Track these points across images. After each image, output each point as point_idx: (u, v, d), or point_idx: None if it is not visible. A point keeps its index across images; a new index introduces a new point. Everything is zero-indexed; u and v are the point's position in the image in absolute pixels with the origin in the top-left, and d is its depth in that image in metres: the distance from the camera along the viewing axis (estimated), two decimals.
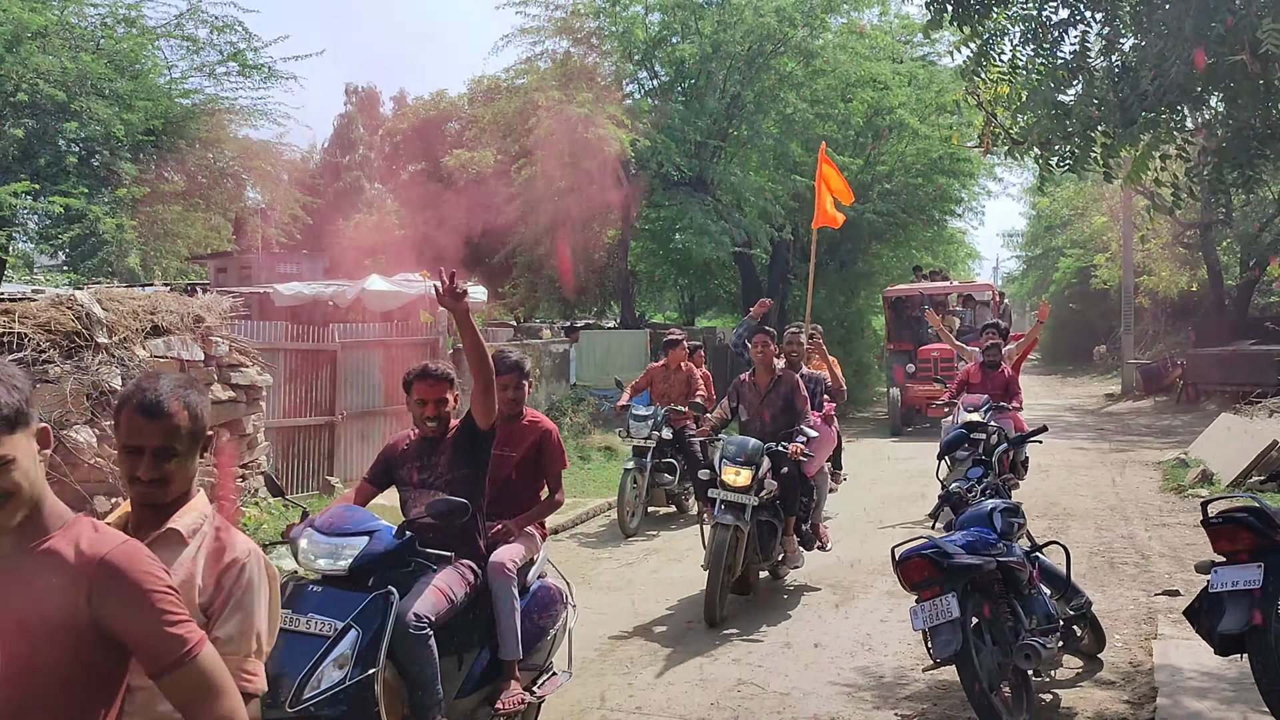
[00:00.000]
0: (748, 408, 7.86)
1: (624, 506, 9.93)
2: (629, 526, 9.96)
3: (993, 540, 5.19)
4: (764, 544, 7.36)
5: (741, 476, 7.01)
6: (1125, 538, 9.21)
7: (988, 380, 10.32)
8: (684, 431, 10.45)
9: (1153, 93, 5.17)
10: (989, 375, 10.37)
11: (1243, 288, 27.61)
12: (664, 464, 10.50)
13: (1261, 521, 4.58)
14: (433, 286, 4.27)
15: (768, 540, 7.40)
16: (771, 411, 7.68)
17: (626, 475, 10.07)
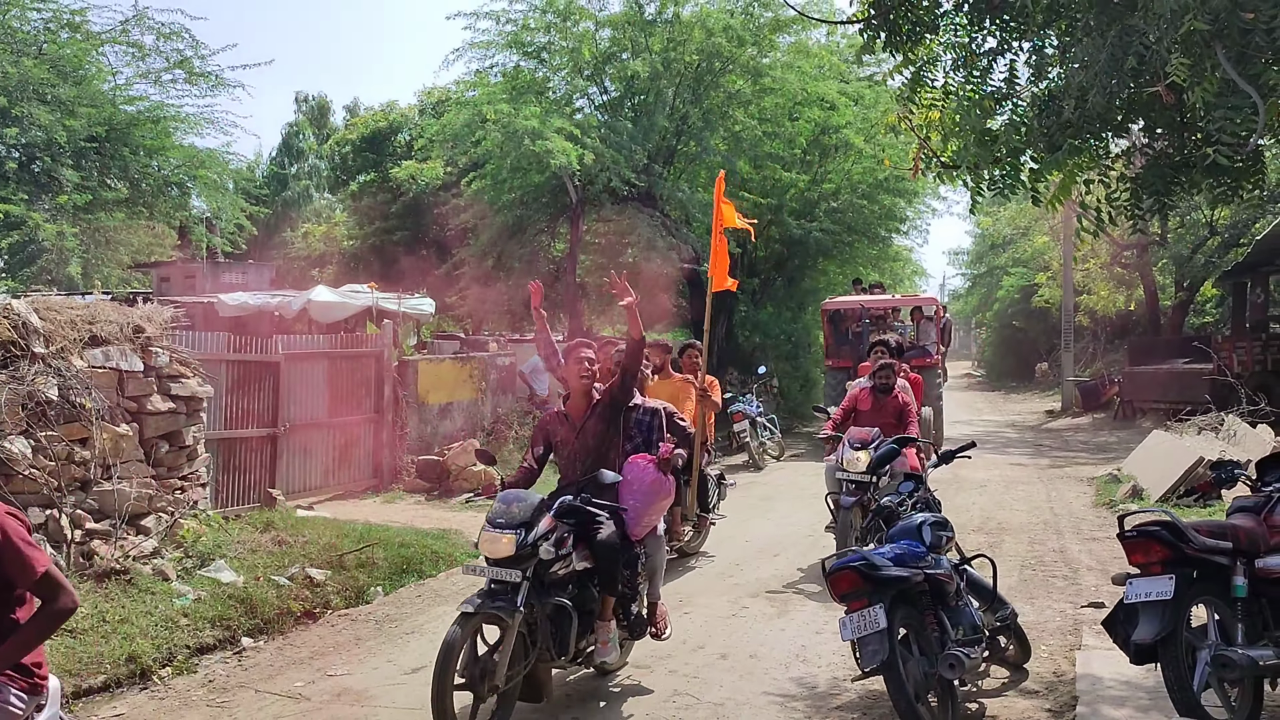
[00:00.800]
0: (561, 448, 6.02)
1: None
2: None
3: (921, 553, 5.33)
4: (559, 635, 5.34)
5: (503, 544, 5.16)
6: (1057, 551, 9.44)
7: (879, 407, 8.98)
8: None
9: (1075, 121, 5.36)
10: (880, 402, 8.99)
11: (1177, 308, 28.35)
12: None
13: (1173, 535, 4.77)
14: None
15: (565, 630, 5.35)
16: (584, 450, 5.87)
17: None
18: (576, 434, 5.90)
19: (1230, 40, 4.35)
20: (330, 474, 12.37)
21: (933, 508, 5.98)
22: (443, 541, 9.87)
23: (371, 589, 8.48)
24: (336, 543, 9.06)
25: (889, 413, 8.89)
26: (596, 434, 5.87)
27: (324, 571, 8.42)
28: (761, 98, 20.74)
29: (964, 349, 68.94)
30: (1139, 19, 4.63)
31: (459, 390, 14.34)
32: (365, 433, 12.85)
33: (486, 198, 20.78)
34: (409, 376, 13.46)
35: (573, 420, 5.93)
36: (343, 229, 35.32)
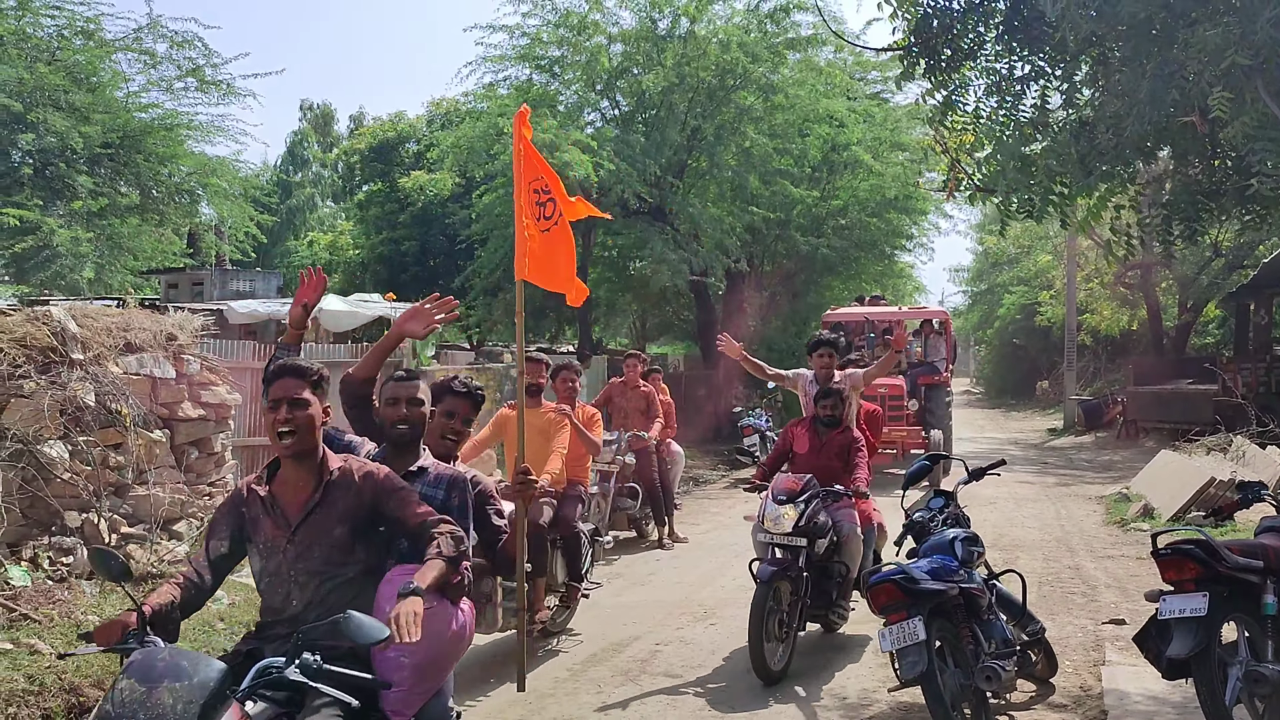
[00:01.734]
0: (266, 552, 3.55)
1: None
2: None
3: (955, 567, 5.46)
4: None
5: None
6: (1072, 568, 9.56)
7: (819, 446, 7.04)
8: (645, 455, 10.66)
9: (1110, 149, 5.50)
10: (822, 439, 7.05)
11: (1181, 328, 28.53)
12: (626, 488, 10.60)
13: (1206, 553, 4.88)
14: None
15: None
16: (307, 560, 3.46)
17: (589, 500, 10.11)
18: (293, 532, 3.39)
19: (1270, 75, 4.49)
20: None
21: (962, 523, 6.09)
22: None
23: None
24: None
25: (831, 452, 7.02)
26: (330, 534, 3.39)
27: None
28: (773, 114, 20.93)
29: (962, 366, 69.12)
30: (1179, 52, 4.77)
31: None
32: None
33: (497, 211, 20.93)
34: None
35: (284, 511, 3.42)
36: (348, 238, 35.47)
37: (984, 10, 5.73)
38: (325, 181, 52.64)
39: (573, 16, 19.98)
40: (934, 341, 17.58)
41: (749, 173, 20.91)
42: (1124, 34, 5.05)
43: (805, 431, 7.17)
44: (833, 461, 6.99)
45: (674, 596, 8.71)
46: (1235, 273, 24.14)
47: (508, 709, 5.87)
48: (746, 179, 20.72)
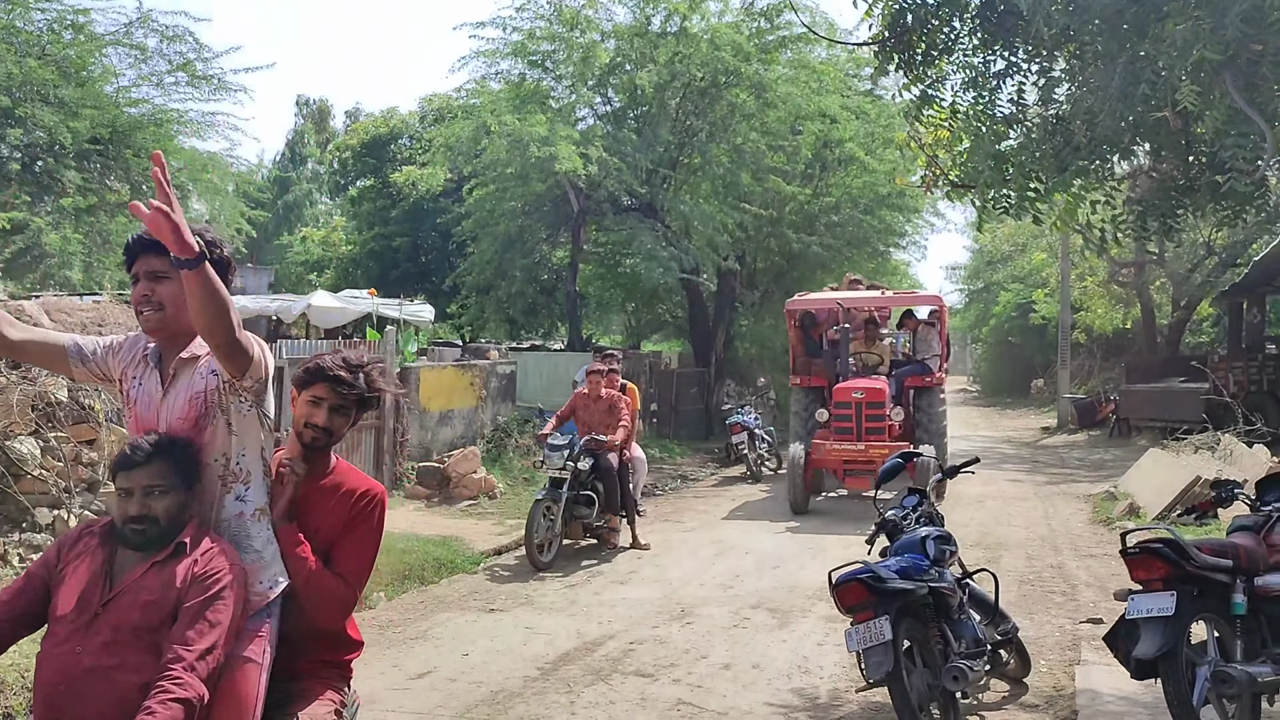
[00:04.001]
0: None
1: (533, 539, 9.45)
2: (541, 560, 9.50)
3: (925, 566, 5.40)
4: None
5: None
6: (1054, 567, 9.52)
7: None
8: (603, 460, 10.16)
9: (1084, 144, 5.45)
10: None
11: (1174, 326, 28.49)
12: (582, 496, 10.09)
13: (1175, 552, 4.84)
14: None
15: None
16: None
17: (537, 506, 9.63)
18: None
19: (1239, 69, 4.45)
20: None
21: (936, 522, 6.03)
22: (444, 548, 9.92)
23: (374, 594, 8.51)
24: None
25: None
26: None
27: None
28: (765, 111, 20.86)
29: (959, 363, 69.14)
30: (1150, 47, 4.73)
31: (460, 398, 14.39)
32: (366, 439, 12.88)
33: (489, 207, 20.88)
34: (410, 383, 13.51)
35: None
36: (341, 234, 35.41)
37: (958, 4, 5.67)
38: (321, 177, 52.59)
39: (566, 12, 19.91)
40: (924, 335, 14.78)
41: (741, 170, 20.86)
42: (1097, 28, 5.00)
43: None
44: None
45: (653, 594, 8.67)
46: (1229, 271, 24.09)
47: (474, 709, 5.82)
48: (738, 176, 20.68)
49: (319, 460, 3.29)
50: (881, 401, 12.98)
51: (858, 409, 12.94)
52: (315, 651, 3.20)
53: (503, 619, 7.88)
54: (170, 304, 2.97)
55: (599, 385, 10.51)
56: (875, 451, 12.55)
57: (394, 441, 13.14)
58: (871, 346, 14.32)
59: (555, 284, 23.56)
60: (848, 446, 12.86)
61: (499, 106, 19.22)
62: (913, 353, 14.80)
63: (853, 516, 12.51)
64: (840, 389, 13.24)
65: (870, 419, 12.91)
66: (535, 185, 19.55)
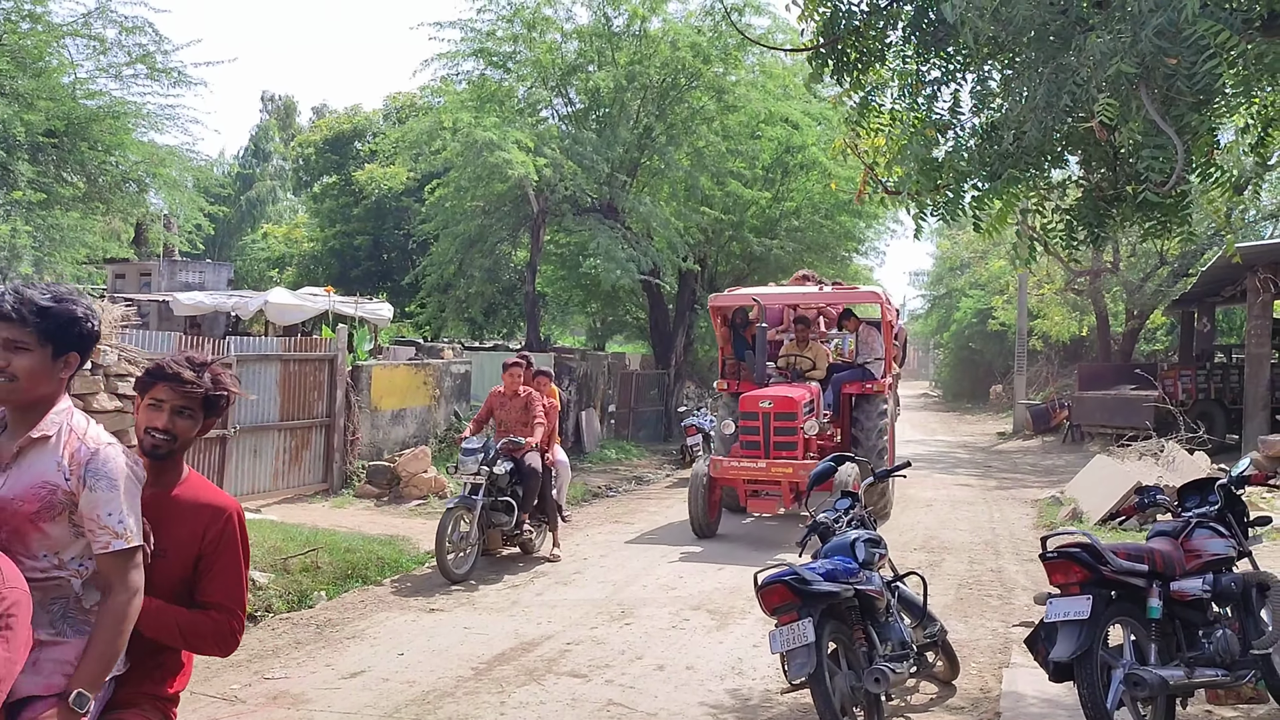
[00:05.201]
0: None
1: (444, 550, 8.87)
2: (455, 572, 8.94)
3: (853, 569, 5.45)
4: None
5: None
6: (994, 571, 9.63)
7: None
8: (523, 462, 9.62)
9: (1014, 152, 5.53)
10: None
11: (1128, 335, 28.92)
12: (500, 503, 9.50)
13: (1092, 556, 4.92)
14: None
15: None
16: None
17: (448, 515, 9.02)
18: None
19: (1155, 83, 4.53)
20: (280, 477, 12.32)
21: (867, 525, 6.10)
22: (390, 548, 9.88)
23: (315, 593, 8.46)
24: (281, 545, 9.02)
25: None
26: None
27: (267, 574, 8.40)
28: (725, 115, 20.96)
29: (922, 369, 69.74)
30: (1072, 59, 4.80)
31: (412, 397, 14.34)
32: (317, 437, 12.82)
33: (449, 205, 20.84)
34: (362, 382, 13.45)
35: None
36: (304, 230, 35.19)
37: (890, 12, 5.73)
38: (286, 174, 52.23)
39: (525, 11, 19.90)
40: (866, 337, 13.15)
41: (701, 173, 20.94)
42: (1022, 38, 5.07)
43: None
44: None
45: (596, 595, 8.68)
46: (1180, 280, 24.48)
47: (404, 708, 5.81)
48: (698, 179, 20.76)
49: (168, 469, 2.96)
50: (793, 413, 11.22)
51: (765, 421, 11.28)
52: (135, 681, 2.84)
53: (442, 619, 7.86)
54: (25, 377, 2.68)
55: (516, 381, 9.94)
56: (779, 470, 11.06)
57: (344, 440, 13.08)
58: (804, 349, 12.74)
59: (516, 284, 23.54)
60: (748, 464, 11.21)
61: (460, 106, 19.18)
62: (855, 354, 13.25)
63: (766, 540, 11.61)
64: (747, 398, 11.66)
65: (779, 432, 11.25)
66: (495, 186, 19.53)
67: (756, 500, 11.49)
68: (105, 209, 22.04)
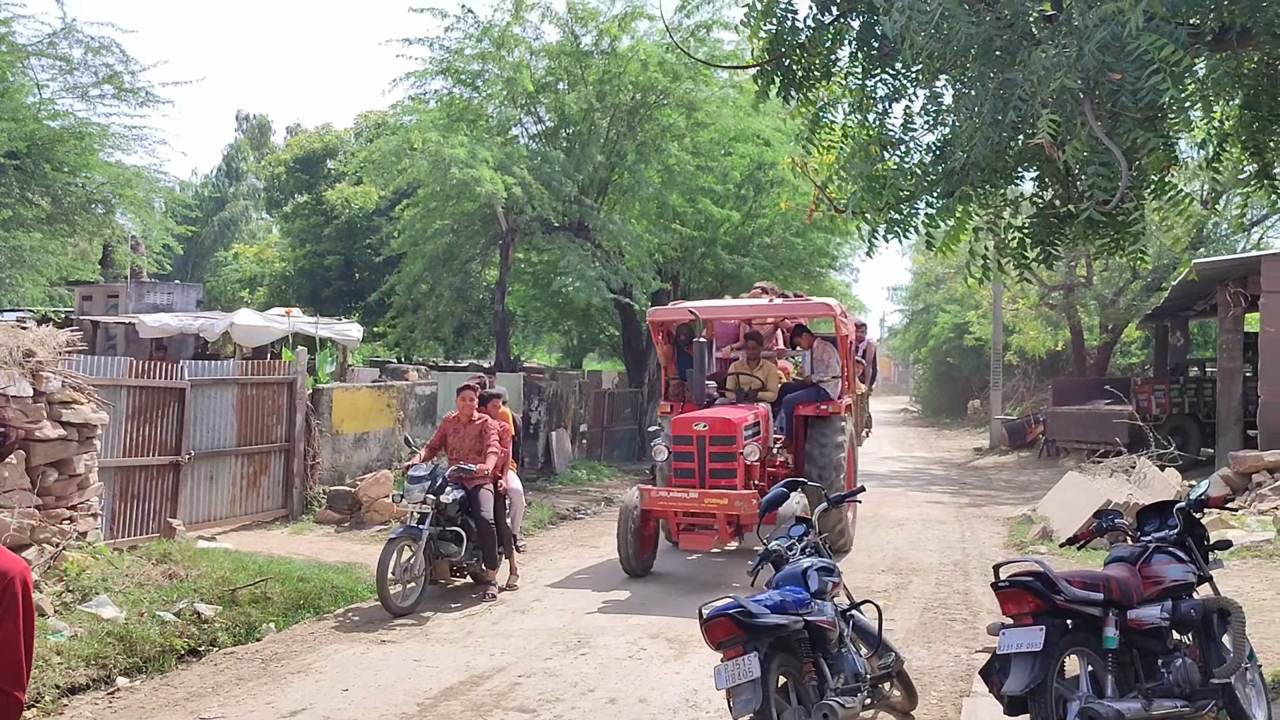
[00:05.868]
0: None
1: (386, 582, 8.48)
2: (397, 605, 8.57)
3: (805, 599, 5.28)
4: None
5: None
6: (961, 594, 9.47)
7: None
8: (476, 493, 9.28)
9: (964, 169, 5.40)
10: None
11: (1102, 349, 28.97)
12: (449, 532, 9.08)
13: (1045, 585, 4.77)
14: None
15: None
16: None
17: (391, 546, 8.67)
18: None
19: (1100, 99, 4.41)
20: (237, 504, 12.07)
21: (822, 552, 5.93)
22: (346, 576, 9.65)
23: (263, 625, 8.24)
24: (231, 576, 8.79)
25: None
26: None
27: (214, 607, 8.17)
28: (696, 132, 20.88)
29: (902, 384, 69.85)
30: (1018, 73, 4.68)
31: (375, 420, 14.11)
32: (276, 462, 12.57)
33: (418, 224, 20.64)
34: (323, 405, 13.21)
35: None
36: (275, 250, 34.89)
37: (836, 28, 5.60)
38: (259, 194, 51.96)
39: (493, 29, 19.78)
40: (821, 354, 12.01)
41: (671, 190, 20.83)
42: (966, 54, 4.95)
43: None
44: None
45: (553, 624, 8.47)
46: (1153, 295, 24.52)
47: None
48: (669, 196, 20.65)
49: None
50: (731, 437, 9.99)
51: (700, 446, 10.06)
52: None
53: (392, 651, 7.64)
54: None
55: (471, 406, 9.60)
56: (714, 501, 9.83)
57: (304, 465, 12.84)
58: (755, 368, 11.61)
59: (487, 303, 23.35)
60: (679, 495, 10.00)
61: (430, 125, 19.02)
62: (809, 372, 12.11)
63: None
64: (680, 420, 10.43)
65: (716, 459, 10.02)
66: (465, 204, 19.35)
67: (690, 535, 10.17)
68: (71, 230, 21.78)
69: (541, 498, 15.25)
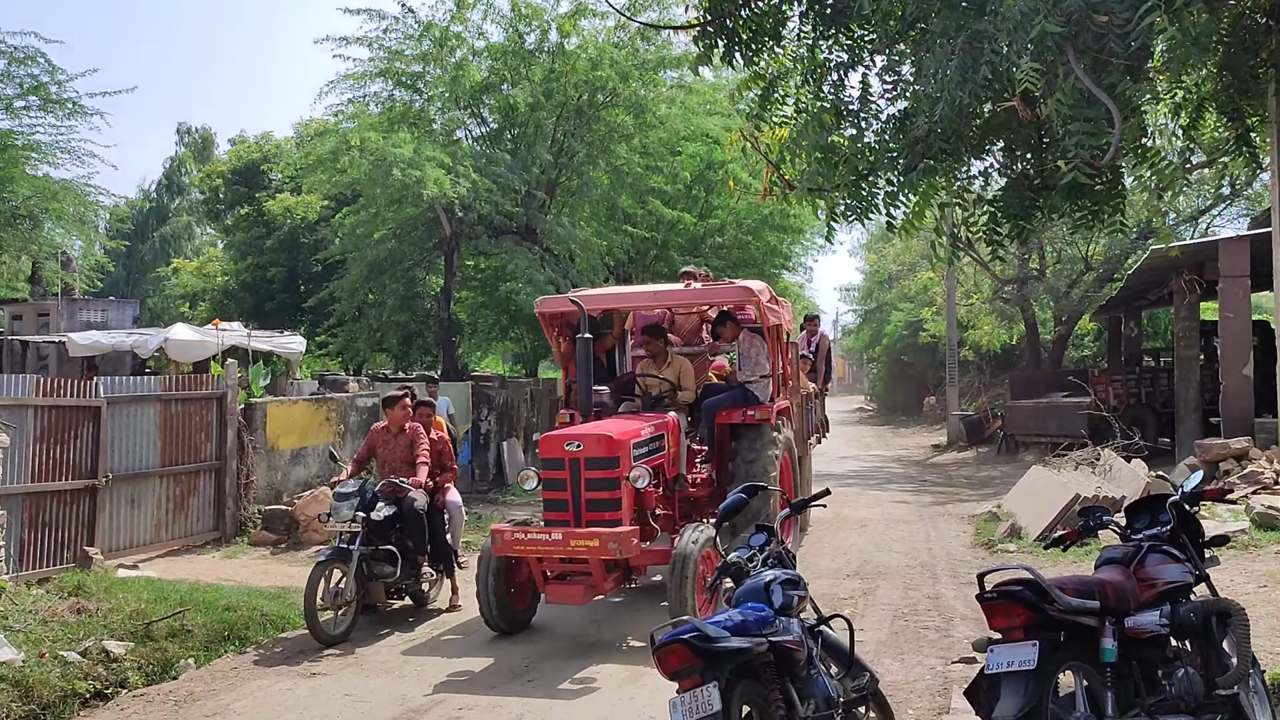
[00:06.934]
0: None
1: (314, 609, 7.86)
2: (327, 633, 7.95)
3: (768, 618, 4.74)
4: None
5: None
6: (931, 598, 8.99)
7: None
8: (410, 506, 8.61)
9: (927, 138, 4.91)
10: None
11: (1057, 342, 28.85)
12: (382, 551, 8.34)
13: (1036, 595, 4.27)
14: None
15: None
16: None
17: (318, 570, 8.01)
18: None
19: (1084, 45, 3.92)
20: (164, 528, 11.33)
21: (786, 563, 5.39)
22: (277, 602, 8.99)
23: (181, 662, 7.56)
24: (148, 608, 8.10)
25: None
26: None
27: (125, 644, 7.48)
28: (644, 132, 20.38)
29: (857, 383, 69.89)
30: (989, 23, 4.19)
31: (314, 434, 13.40)
32: (205, 482, 11.84)
33: (359, 230, 19.95)
34: (256, 420, 12.50)
35: None
36: (217, 265, 33.89)
37: None
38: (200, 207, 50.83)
39: (434, 29, 19.15)
40: (748, 348, 9.90)
41: (620, 191, 20.32)
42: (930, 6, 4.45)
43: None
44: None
45: (498, 649, 7.86)
46: (1106, 286, 24.39)
47: None
48: (617, 198, 20.13)
49: None
50: (612, 458, 7.80)
51: (573, 471, 7.82)
52: None
53: (322, 685, 7.01)
54: None
55: (403, 418, 8.99)
56: (581, 544, 7.54)
57: (237, 484, 12.11)
58: (662, 367, 9.58)
59: (434, 311, 22.65)
60: (538, 537, 7.72)
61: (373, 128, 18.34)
62: (738, 369, 10.02)
63: None
64: (549, 439, 8.16)
65: (593, 486, 7.79)
66: (407, 209, 18.68)
67: (558, 586, 7.96)
68: None
69: (493, 510, 14.62)
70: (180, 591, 8.86)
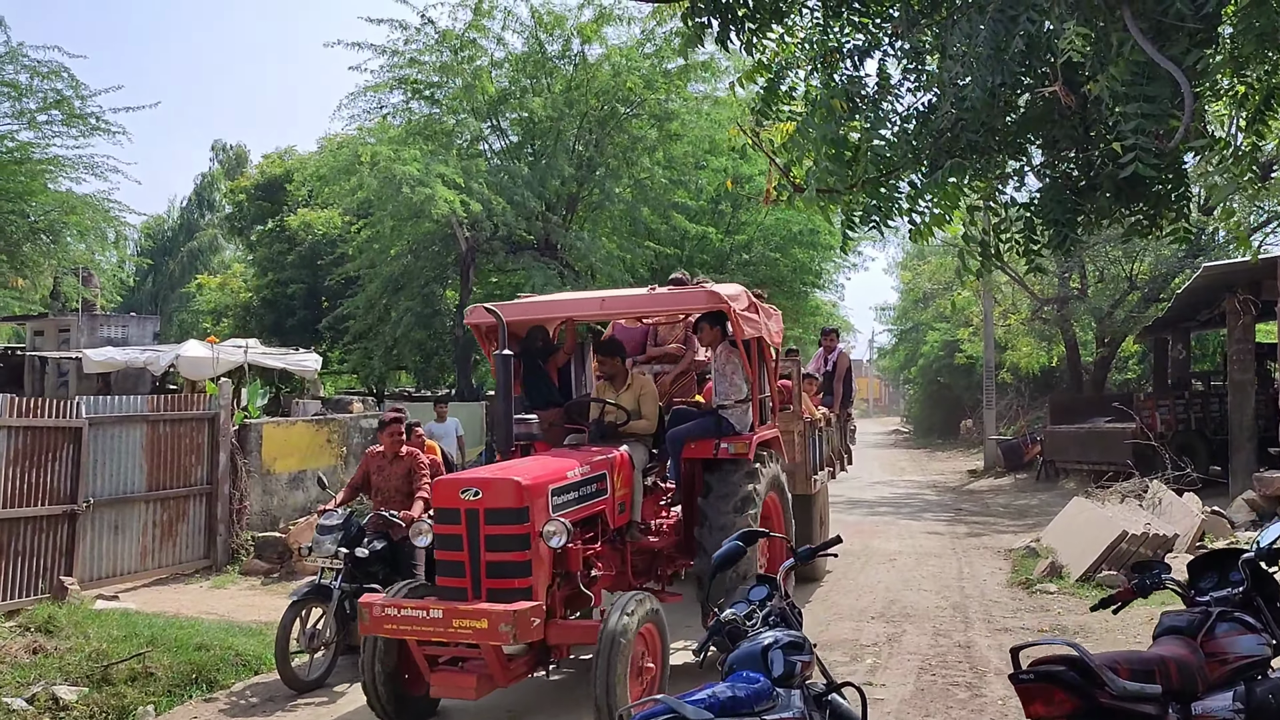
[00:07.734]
0: None
1: (287, 653, 7.25)
2: (301, 680, 7.33)
3: (765, 689, 4.02)
4: None
5: None
6: (962, 647, 8.18)
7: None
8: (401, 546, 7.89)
9: (953, 128, 4.20)
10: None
11: (1099, 364, 27.78)
12: (368, 590, 7.25)
13: (1082, 675, 3.53)
14: None
15: None
16: None
17: (292, 611, 7.41)
18: None
19: (1144, 8, 3.21)
20: (150, 555, 10.79)
21: (790, 622, 4.66)
22: (256, 640, 8.38)
23: (139, 709, 6.94)
24: (109, 648, 7.50)
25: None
26: None
27: (78, 689, 6.88)
28: (668, 144, 19.78)
29: (893, 405, 68.73)
30: None
31: (314, 457, 12.82)
32: (195, 507, 11.29)
33: (375, 246, 19.49)
34: (251, 442, 11.95)
35: None
36: (240, 280, 33.66)
37: None
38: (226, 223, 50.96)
39: (451, 37, 18.69)
40: (724, 364, 8.15)
41: (643, 205, 19.71)
42: None
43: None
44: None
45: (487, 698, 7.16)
46: (1151, 306, 23.38)
47: None
48: (639, 211, 19.52)
49: None
50: (521, 509, 6.17)
51: (471, 526, 6.18)
52: None
53: None
54: None
55: (398, 442, 8.19)
56: (466, 624, 5.85)
57: (229, 509, 11.55)
58: (620, 390, 7.89)
59: (452, 328, 22.13)
60: (414, 614, 6.00)
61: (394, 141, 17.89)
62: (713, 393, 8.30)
63: None
64: (443, 485, 6.52)
65: (495, 546, 6.15)
66: (423, 224, 18.18)
67: (445, 675, 6.34)
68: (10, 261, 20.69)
69: None
70: (154, 627, 8.29)
